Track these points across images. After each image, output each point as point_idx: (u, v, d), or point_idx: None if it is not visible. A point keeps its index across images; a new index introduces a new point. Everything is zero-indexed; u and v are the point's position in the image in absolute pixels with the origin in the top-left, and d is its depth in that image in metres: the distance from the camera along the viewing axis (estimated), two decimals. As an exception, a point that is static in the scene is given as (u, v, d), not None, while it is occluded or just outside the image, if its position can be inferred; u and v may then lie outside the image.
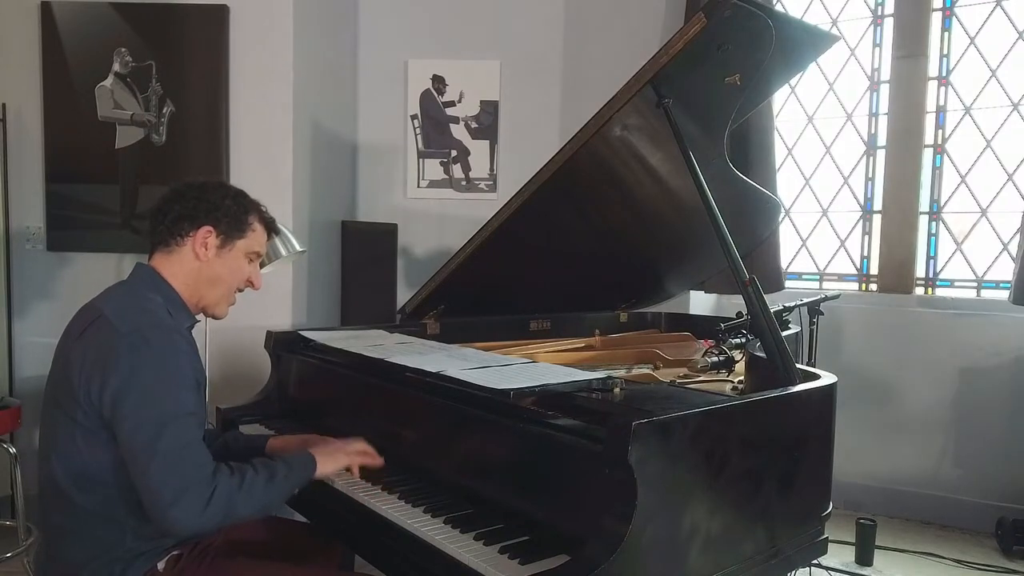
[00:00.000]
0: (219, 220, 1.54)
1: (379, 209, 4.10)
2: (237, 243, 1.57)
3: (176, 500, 1.29)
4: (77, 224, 3.35)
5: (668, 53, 1.71)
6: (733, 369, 1.91)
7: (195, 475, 1.33)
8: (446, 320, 2.40)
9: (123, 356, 1.34)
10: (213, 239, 1.54)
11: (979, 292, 3.62)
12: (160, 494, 1.29)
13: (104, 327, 1.39)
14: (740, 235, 2.16)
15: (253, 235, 1.60)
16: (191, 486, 1.31)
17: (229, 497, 1.34)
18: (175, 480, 1.30)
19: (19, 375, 3.33)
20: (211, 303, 1.59)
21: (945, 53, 3.66)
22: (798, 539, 1.51)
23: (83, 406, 1.36)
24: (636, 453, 1.15)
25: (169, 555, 1.49)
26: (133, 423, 1.32)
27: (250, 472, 1.40)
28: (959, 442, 3.48)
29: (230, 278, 1.58)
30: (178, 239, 1.53)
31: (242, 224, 1.58)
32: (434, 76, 4.07)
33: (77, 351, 1.40)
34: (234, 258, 1.57)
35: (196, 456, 1.35)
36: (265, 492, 1.41)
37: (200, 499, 1.31)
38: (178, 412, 1.36)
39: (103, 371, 1.34)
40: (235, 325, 3.21)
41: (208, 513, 1.31)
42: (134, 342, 1.36)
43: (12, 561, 2.69)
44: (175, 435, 1.33)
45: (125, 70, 3.31)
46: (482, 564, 1.23)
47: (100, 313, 1.42)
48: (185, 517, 1.30)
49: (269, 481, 1.42)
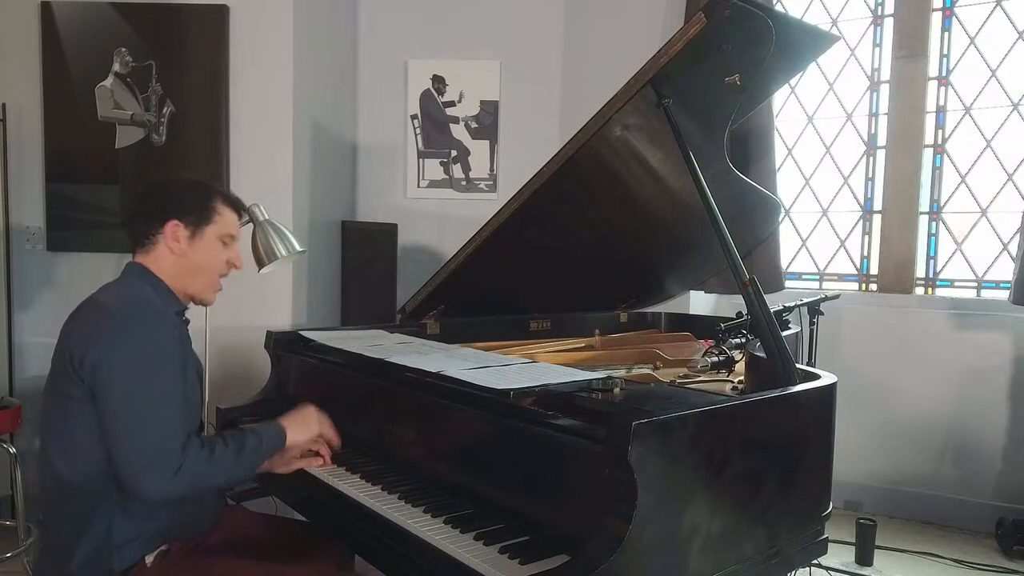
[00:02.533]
0: (183, 212, 1.60)
1: (379, 209, 4.10)
2: (206, 230, 1.62)
3: (144, 469, 1.38)
4: (77, 224, 3.35)
5: (668, 53, 1.71)
6: (733, 369, 1.91)
7: (164, 447, 1.40)
8: (446, 320, 2.40)
9: (108, 329, 1.44)
10: (182, 231, 1.60)
11: (979, 292, 3.62)
12: (129, 461, 1.39)
13: (95, 307, 1.50)
14: (740, 235, 2.16)
15: (221, 219, 1.65)
16: (159, 457, 1.39)
17: (196, 467, 1.42)
18: (144, 449, 1.39)
19: (19, 375, 3.33)
20: (197, 291, 1.66)
21: (945, 53, 3.66)
22: (798, 539, 1.51)
23: (72, 378, 1.43)
24: (636, 453, 1.15)
25: (158, 549, 1.50)
26: (110, 392, 1.41)
27: (220, 444, 1.49)
28: (959, 442, 3.48)
29: (209, 265, 1.64)
30: (151, 237, 1.60)
31: (207, 211, 1.63)
32: (434, 76, 4.07)
33: (68, 329, 1.50)
34: (207, 245, 1.63)
35: (166, 429, 1.43)
36: (235, 463, 1.50)
37: (168, 470, 1.39)
38: (156, 388, 1.44)
39: (89, 342, 1.43)
40: (235, 325, 3.23)
41: (176, 481, 1.40)
42: (120, 318, 1.46)
43: (12, 561, 2.69)
44: (148, 407, 1.41)
45: (125, 70, 3.31)
46: (482, 564, 1.23)
47: (91, 299, 1.53)
48: (153, 484, 1.39)
49: (238, 452, 1.50)
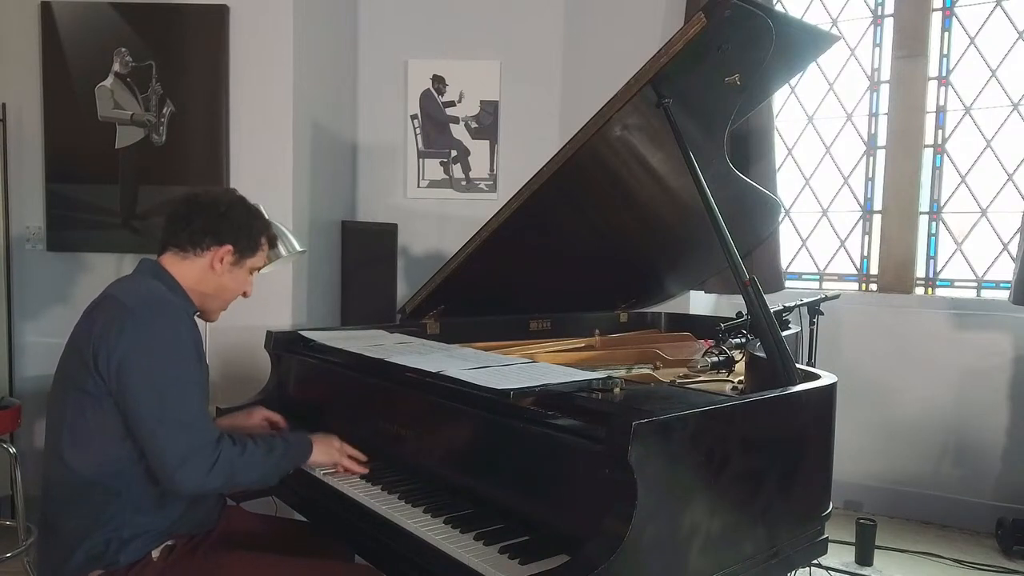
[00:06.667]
0: (239, 240, 1.64)
1: (379, 209, 4.10)
2: (247, 261, 1.68)
3: (183, 463, 1.39)
4: (77, 224, 3.35)
5: (668, 53, 1.71)
6: (733, 369, 1.91)
7: (200, 439, 1.43)
8: (446, 320, 2.40)
9: (129, 327, 1.43)
10: (230, 257, 1.64)
11: (979, 292, 3.62)
12: (167, 457, 1.39)
13: (111, 303, 1.49)
14: (740, 235, 2.16)
15: (261, 253, 1.72)
16: (197, 450, 1.41)
17: (232, 463, 1.44)
18: (182, 444, 1.40)
19: (19, 375, 3.33)
20: (211, 309, 1.70)
21: (945, 53, 3.66)
22: (798, 539, 1.51)
23: (92, 375, 1.43)
24: (636, 453, 1.15)
25: (163, 544, 1.51)
26: (139, 390, 1.41)
27: (251, 443, 1.51)
28: (959, 442, 3.48)
29: (234, 291, 1.70)
30: (198, 250, 1.61)
31: (256, 245, 1.69)
32: (434, 76, 4.07)
33: (85, 326, 1.49)
34: (242, 274, 1.69)
35: (201, 422, 1.46)
36: (264, 463, 1.52)
37: (206, 462, 1.41)
38: (183, 379, 1.45)
39: (110, 341, 1.42)
40: (235, 325, 3.21)
41: (212, 476, 1.42)
42: (140, 314, 1.45)
43: (12, 561, 2.69)
44: (181, 401, 1.43)
45: (125, 70, 3.31)
46: (482, 564, 1.23)
47: (107, 295, 1.53)
48: (190, 479, 1.40)
49: (268, 454, 1.52)
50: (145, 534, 1.49)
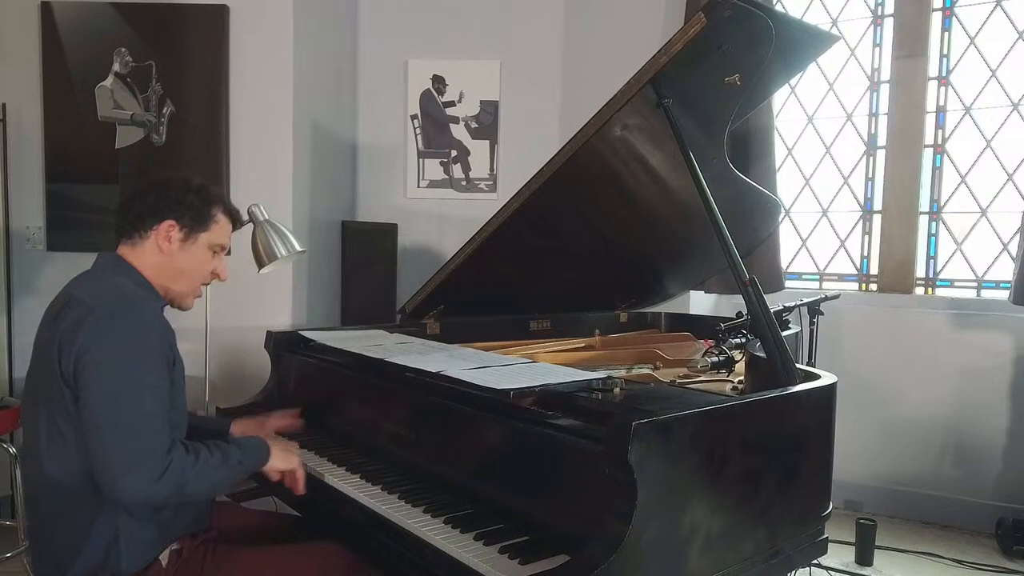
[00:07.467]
0: (182, 214, 1.58)
1: (379, 209, 4.10)
2: (200, 236, 1.61)
3: (128, 469, 1.33)
4: (77, 224, 3.35)
5: (668, 53, 1.71)
6: (733, 369, 1.91)
7: (149, 446, 1.36)
8: (446, 320, 2.40)
9: (89, 327, 1.38)
10: (176, 232, 1.58)
11: (979, 292, 3.62)
12: (111, 461, 1.33)
13: (76, 307, 1.44)
14: (740, 235, 2.16)
15: (217, 227, 1.64)
16: (145, 457, 1.34)
17: (182, 473, 1.38)
18: (129, 449, 1.34)
19: (19, 375, 3.33)
20: (176, 295, 1.63)
21: (945, 53, 3.65)
22: (798, 539, 1.51)
23: (57, 381, 1.40)
24: (636, 453, 1.15)
25: (169, 548, 1.50)
26: (92, 390, 1.36)
27: (204, 452, 1.45)
28: (959, 442, 3.48)
29: (194, 271, 1.62)
30: (141, 232, 1.57)
31: (205, 217, 1.61)
32: (434, 76, 4.07)
33: (48, 332, 1.45)
34: (197, 251, 1.61)
35: (153, 427, 1.38)
36: (218, 472, 1.46)
37: (154, 470, 1.34)
38: (137, 382, 1.38)
39: (71, 343, 1.38)
40: (235, 325, 3.23)
41: (160, 485, 1.35)
42: (101, 315, 1.40)
43: (12, 561, 2.69)
44: (133, 404, 1.36)
45: (125, 70, 3.31)
46: (482, 564, 1.23)
47: (71, 297, 1.47)
48: (135, 487, 1.33)
49: (223, 463, 1.47)
50: (144, 539, 1.46)
